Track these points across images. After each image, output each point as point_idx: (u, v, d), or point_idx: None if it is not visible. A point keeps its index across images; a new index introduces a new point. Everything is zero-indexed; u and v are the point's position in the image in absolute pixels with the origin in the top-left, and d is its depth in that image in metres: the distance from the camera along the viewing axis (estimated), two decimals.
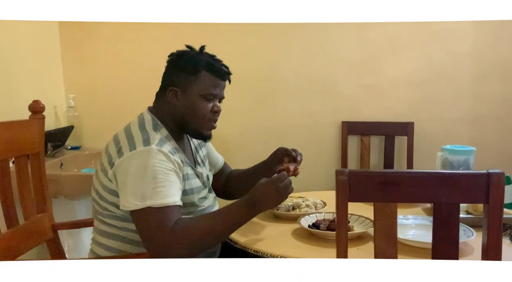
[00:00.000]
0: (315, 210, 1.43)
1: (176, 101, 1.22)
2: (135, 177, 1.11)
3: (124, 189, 1.12)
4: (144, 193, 1.09)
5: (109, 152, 1.19)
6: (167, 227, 1.08)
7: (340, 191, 0.90)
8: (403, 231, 1.19)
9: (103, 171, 1.19)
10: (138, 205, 1.09)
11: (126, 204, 1.11)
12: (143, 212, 1.09)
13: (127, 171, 1.12)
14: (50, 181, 1.48)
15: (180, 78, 1.22)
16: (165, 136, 1.20)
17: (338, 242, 0.92)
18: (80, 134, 2.29)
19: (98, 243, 1.26)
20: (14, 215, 1.33)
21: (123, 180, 1.13)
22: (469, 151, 1.52)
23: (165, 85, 1.25)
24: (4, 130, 1.32)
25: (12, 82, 1.89)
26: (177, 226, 1.08)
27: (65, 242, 1.69)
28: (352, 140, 2.37)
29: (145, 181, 1.10)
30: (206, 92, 1.21)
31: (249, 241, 1.22)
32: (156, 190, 1.09)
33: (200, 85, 1.21)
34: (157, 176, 1.10)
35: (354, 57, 2.31)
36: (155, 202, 1.08)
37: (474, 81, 2.29)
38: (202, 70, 1.21)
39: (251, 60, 2.29)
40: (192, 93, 1.21)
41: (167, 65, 1.27)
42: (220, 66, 1.24)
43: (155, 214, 1.08)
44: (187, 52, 1.25)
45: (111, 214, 1.20)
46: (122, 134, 1.19)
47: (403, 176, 0.91)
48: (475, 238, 1.14)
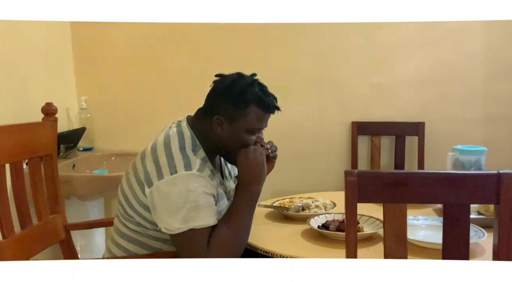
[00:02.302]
0: (325, 211, 1.43)
1: (221, 131, 1.20)
2: (177, 202, 1.11)
3: (165, 212, 1.13)
4: (186, 216, 1.10)
5: (146, 168, 1.17)
6: (205, 248, 1.10)
7: (350, 192, 0.90)
8: (413, 232, 1.18)
9: (138, 183, 1.18)
10: (181, 228, 1.10)
11: (169, 227, 1.12)
12: (185, 235, 1.11)
13: (169, 195, 1.12)
14: (62, 182, 1.50)
15: (227, 110, 1.19)
16: (202, 158, 1.19)
17: (347, 243, 0.92)
18: (92, 136, 2.32)
19: (117, 244, 1.27)
20: (27, 216, 1.35)
21: (163, 203, 1.13)
22: (480, 151, 1.51)
23: (210, 111, 1.22)
24: (18, 132, 1.34)
25: (24, 85, 1.92)
26: (211, 244, 1.11)
27: (77, 243, 1.71)
28: (362, 140, 2.36)
29: (186, 205, 1.11)
30: (253, 127, 1.20)
31: (259, 242, 1.22)
32: (198, 212, 1.11)
33: (248, 120, 1.19)
34: (198, 199, 1.12)
35: (365, 56, 2.30)
36: (197, 223, 1.11)
37: (486, 81, 2.27)
38: (251, 104, 1.18)
39: (261, 60, 2.29)
40: (238, 127, 1.19)
41: (214, 88, 1.23)
42: (270, 102, 1.20)
43: (197, 235, 1.11)
44: (238, 81, 1.20)
45: (136, 221, 1.22)
46: (161, 152, 1.17)
47: (412, 177, 0.91)
48: (486, 239, 1.13)
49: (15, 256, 1.24)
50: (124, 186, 1.24)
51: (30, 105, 1.78)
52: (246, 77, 1.22)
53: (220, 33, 2.24)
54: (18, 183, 1.33)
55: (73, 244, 1.51)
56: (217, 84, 1.23)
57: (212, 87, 1.24)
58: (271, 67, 2.29)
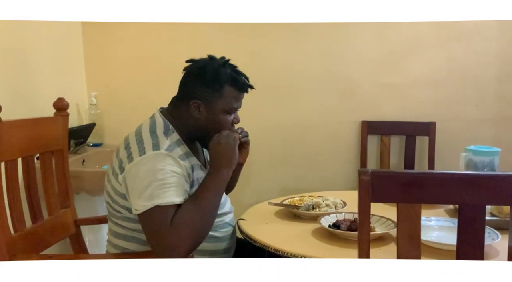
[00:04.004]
0: (335, 210, 1.42)
1: (198, 114, 1.22)
2: (144, 181, 1.11)
3: (134, 193, 1.13)
4: (152, 193, 1.10)
5: (119, 157, 1.19)
6: (167, 227, 1.08)
7: (363, 191, 0.89)
8: (426, 233, 1.17)
9: (114, 174, 1.20)
10: (147, 206, 1.09)
11: (137, 207, 1.12)
12: (150, 212, 1.09)
13: (136, 175, 1.13)
14: (72, 177, 1.51)
15: (203, 93, 1.21)
16: (175, 141, 1.20)
17: (360, 242, 0.91)
18: (102, 131, 2.32)
19: (114, 245, 1.26)
20: (38, 210, 1.36)
21: (132, 185, 1.14)
22: (494, 151, 1.49)
23: (186, 96, 1.24)
24: (29, 127, 1.35)
25: (35, 81, 1.93)
26: (174, 221, 1.09)
27: (86, 237, 1.71)
28: (372, 140, 2.34)
29: (154, 183, 1.10)
30: (230, 107, 1.23)
31: (269, 240, 1.22)
32: (164, 190, 1.10)
33: (224, 100, 1.21)
34: (165, 178, 1.11)
35: (375, 55, 2.29)
36: (162, 200, 1.09)
37: (498, 81, 2.25)
38: (226, 85, 1.21)
39: (270, 59, 2.28)
40: (215, 108, 1.22)
41: (187, 73, 1.26)
42: (243, 80, 1.24)
43: (160, 212, 1.09)
44: (210, 64, 1.23)
45: (124, 216, 1.21)
46: (132, 139, 1.20)
47: (428, 177, 0.90)
48: (500, 240, 1.12)
49: (26, 250, 1.25)
50: (106, 186, 1.24)
51: (41, 101, 1.79)
52: (217, 59, 1.25)
53: (230, 32, 2.23)
54: (30, 177, 1.34)
55: (82, 238, 1.51)
56: (190, 69, 1.25)
57: (184, 73, 1.26)
58: (281, 66, 2.28)
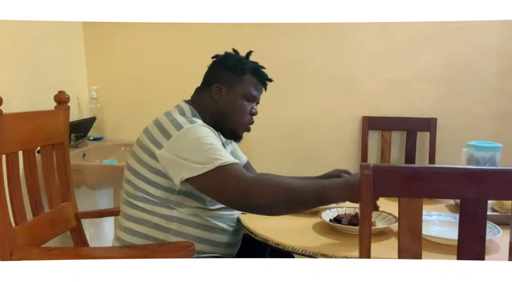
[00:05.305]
0: (336, 205, 1.42)
1: (220, 98, 1.30)
2: (193, 150, 1.15)
3: (185, 164, 1.14)
4: (208, 157, 1.13)
5: (151, 135, 1.22)
6: (247, 177, 1.12)
7: (365, 186, 0.88)
8: (427, 228, 1.17)
9: (145, 151, 1.21)
10: (207, 167, 1.11)
11: (194, 171, 1.12)
12: (214, 173, 1.11)
13: (182, 148, 1.16)
14: (73, 171, 1.51)
15: (226, 77, 1.30)
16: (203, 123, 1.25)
17: (361, 237, 0.90)
18: (102, 125, 2.32)
19: (125, 228, 1.28)
20: (39, 203, 1.36)
21: (180, 156, 1.15)
22: (495, 147, 1.49)
23: (209, 82, 1.32)
24: (30, 120, 1.34)
25: (36, 74, 1.92)
26: (259, 176, 1.14)
27: (86, 231, 1.72)
28: (372, 135, 2.34)
29: (204, 149, 1.14)
30: (249, 93, 1.31)
31: (270, 234, 1.22)
32: (218, 153, 1.14)
33: (244, 86, 1.31)
34: (213, 142, 1.16)
35: (377, 51, 2.28)
36: (223, 161, 1.12)
37: (500, 77, 2.24)
38: (247, 73, 1.31)
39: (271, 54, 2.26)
40: (236, 92, 1.30)
41: (212, 64, 1.36)
42: (263, 72, 1.34)
43: (228, 170, 1.12)
44: (235, 54, 1.35)
45: (143, 196, 1.23)
46: (163, 119, 1.23)
47: (430, 171, 0.89)
48: (501, 235, 1.12)
49: (27, 243, 1.25)
50: (130, 162, 1.26)
51: (41, 94, 1.79)
52: (239, 52, 1.37)
53: (233, 28, 2.22)
54: (31, 171, 1.34)
55: (83, 232, 1.52)
56: (215, 60, 1.36)
57: (210, 64, 1.36)
58: (282, 62, 2.27)
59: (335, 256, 1.08)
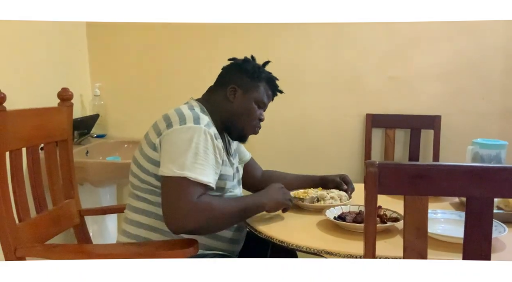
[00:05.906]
0: (340, 202, 1.41)
1: (234, 99, 1.33)
2: (180, 148, 1.15)
3: (166, 156, 1.17)
4: (184, 163, 1.14)
5: (158, 127, 1.23)
6: (192, 200, 1.12)
7: (370, 183, 0.88)
8: (432, 226, 1.16)
9: (148, 144, 1.23)
10: (176, 172, 1.13)
11: (165, 170, 1.15)
12: (177, 180, 1.13)
13: (173, 141, 1.17)
14: (76, 168, 1.51)
15: (243, 81, 1.34)
16: (210, 121, 1.26)
17: (366, 235, 0.90)
18: (105, 123, 2.32)
19: (131, 221, 1.28)
20: (43, 200, 1.36)
21: (167, 148, 1.18)
22: (501, 145, 1.48)
23: (225, 82, 1.35)
24: (34, 117, 1.34)
25: (40, 71, 1.92)
26: (200, 201, 1.13)
27: (90, 228, 1.72)
28: (376, 133, 2.33)
29: (188, 154, 1.14)
30: (261, 100, 1.36)
31: (274, 231, 1.21)
32: (195, 166, 1.14)
33: (259, 92, 1.35)
34: (199, 153, 1.16)
35: (381, 49, 2.27)
36: (192, 174, 1.13)
37: (505, 74, 2.23)
38: (263, 81, 1.36)
39: (275, 53, 2.27)
40: (250, 96, 1.34)
41: (230, 65, 1.39)
42: (276, 84, 1.40)
43: (187, 185, 1.13)
44: (252, 60, 1.39)
45: (149, 188, 1.24)
46: (172, 113, 1.24)
47: (435, 169, 0.89)
48: (507, 234, 1.11)
49: (31, 239, 1.25)
50: (136, 157, 1.28)
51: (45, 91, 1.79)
52: (256, 60, 1.40)
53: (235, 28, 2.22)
54: (34, 167, 1.34)
55: (87, 228, 1.52)
56: (232, 62, 1.39)
57: (227, 66, 1.39)
58: (286, 60, 2.27)
59: (340, 253, 1.08)
